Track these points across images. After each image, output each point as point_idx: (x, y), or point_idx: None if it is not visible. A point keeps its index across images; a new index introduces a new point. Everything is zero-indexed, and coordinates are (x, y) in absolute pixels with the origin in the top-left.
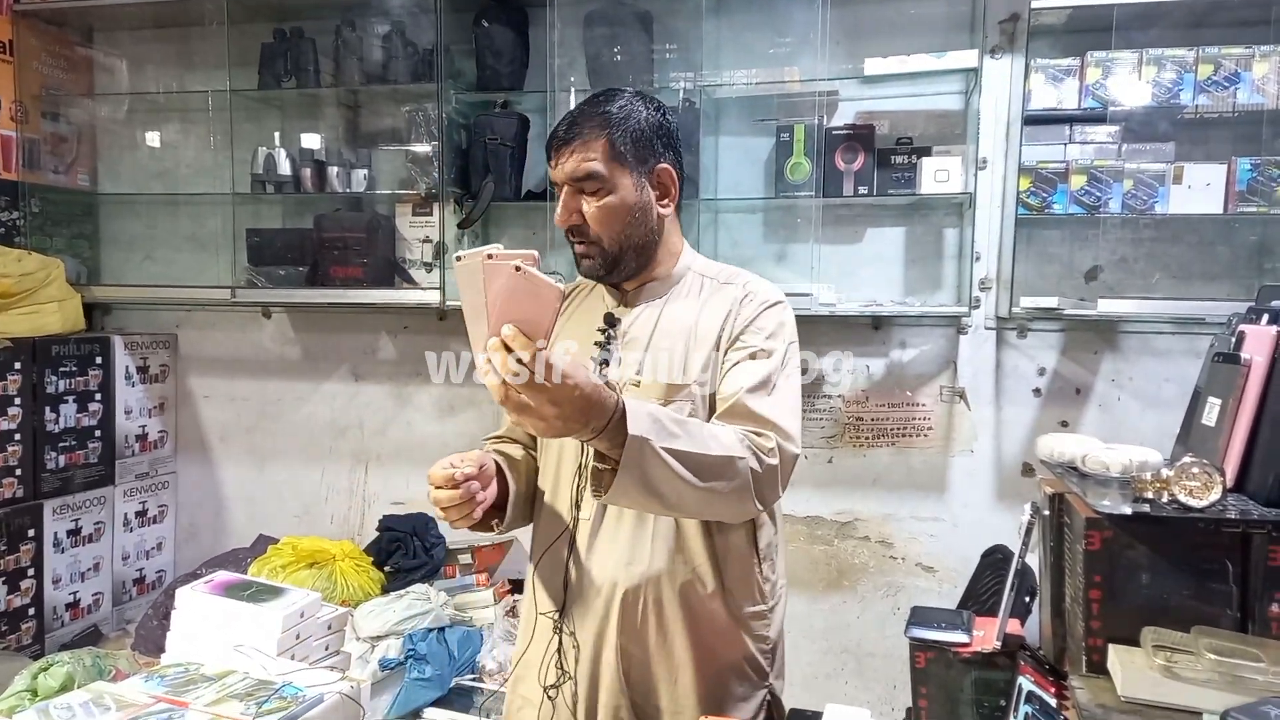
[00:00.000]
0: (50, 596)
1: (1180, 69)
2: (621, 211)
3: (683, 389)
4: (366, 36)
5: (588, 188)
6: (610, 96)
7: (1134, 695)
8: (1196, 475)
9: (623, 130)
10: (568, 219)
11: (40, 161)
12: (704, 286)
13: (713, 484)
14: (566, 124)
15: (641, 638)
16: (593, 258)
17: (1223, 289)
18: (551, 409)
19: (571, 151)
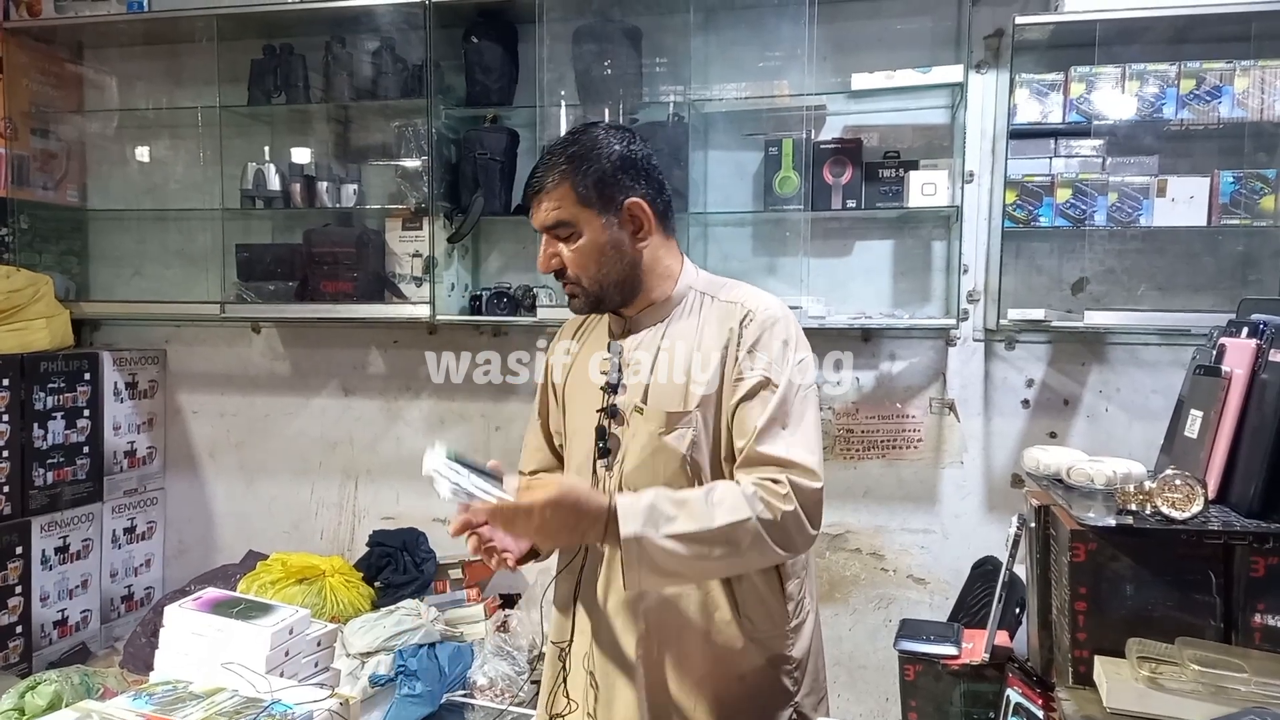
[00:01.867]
0: (38, 614)
1: (1163, 83)
2: (593, 252)
3: (685, 415)
4: (356, 52)
5: (560, 233)
6: (575, 137)
7: (1119, 706)
8: (1179, 487)
9: (584, 174)
10: (548, 264)
11: (29, 178)
12: (704, 304)
13: (726, 551)
14: (540, 170)
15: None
16: (578, 296)
17: (1207, 300)
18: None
19: (541, 201)
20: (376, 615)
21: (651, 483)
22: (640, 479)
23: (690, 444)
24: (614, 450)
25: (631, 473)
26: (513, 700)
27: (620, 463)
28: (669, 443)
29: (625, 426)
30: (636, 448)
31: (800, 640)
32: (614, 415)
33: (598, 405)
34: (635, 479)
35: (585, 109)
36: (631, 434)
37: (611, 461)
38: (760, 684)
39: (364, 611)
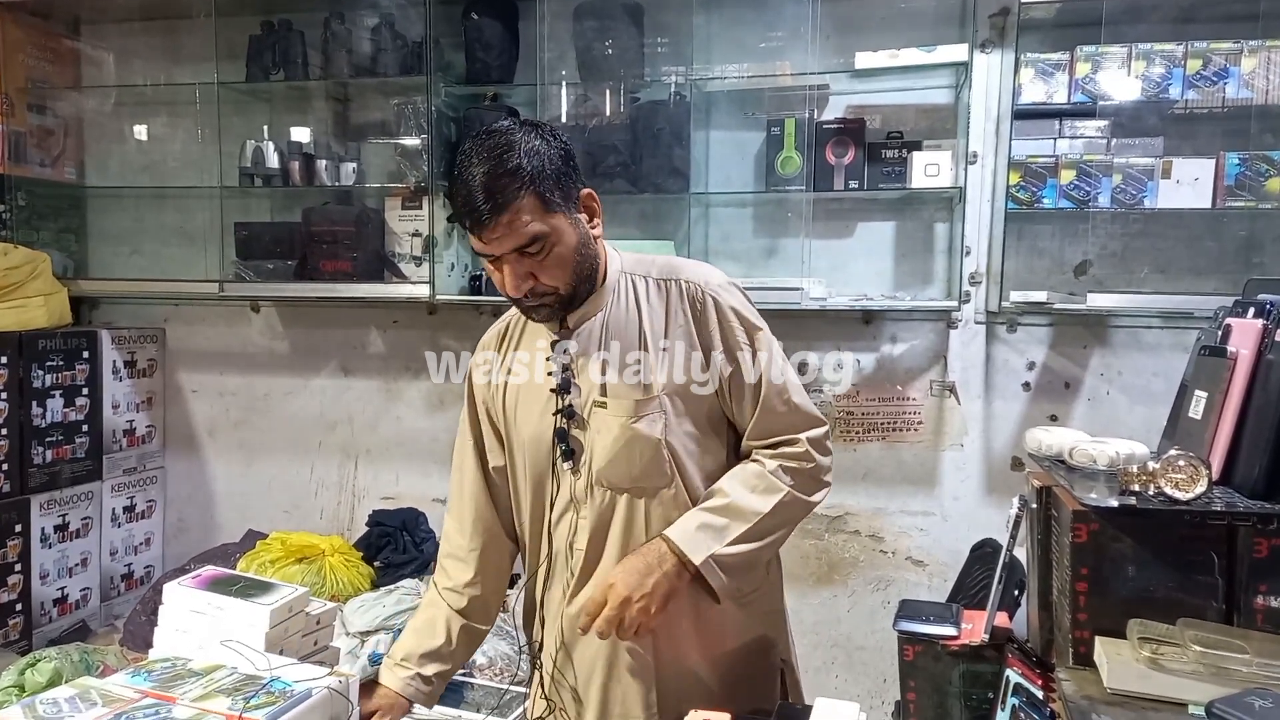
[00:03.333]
0: (38, 592)
1: (1169, 64)
2: (570, 255)
3: (651, 401)
4: (355, 29)
5: (533, 249)
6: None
7: (1120, 687)
8: (1182, 468)
9: (542, 178)
10: (522, 287)
11: (26, 155)
12: (638, 285)
13: (779, 525)
14: (482, 199)
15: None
16: (549, 306)
17: (1210, 283)
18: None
19: (501, 222)
20: (376, 595)
21: (627, 474)
22: (615, 472)
23: (663, 428)
24: (578, 451)
25: (605, 468)
26: (512, 680)
27: (588, 462)
28: (641, 430)
29: (586, 426)
30: (607, 441)
31: (774, 595)
32: (571, 416)
33: (549, 409)
34: (609, 473)
35: (586, 87)
36: (596, 430)
37: (578, 463)
38: (748, 642)
39: (363, 591)
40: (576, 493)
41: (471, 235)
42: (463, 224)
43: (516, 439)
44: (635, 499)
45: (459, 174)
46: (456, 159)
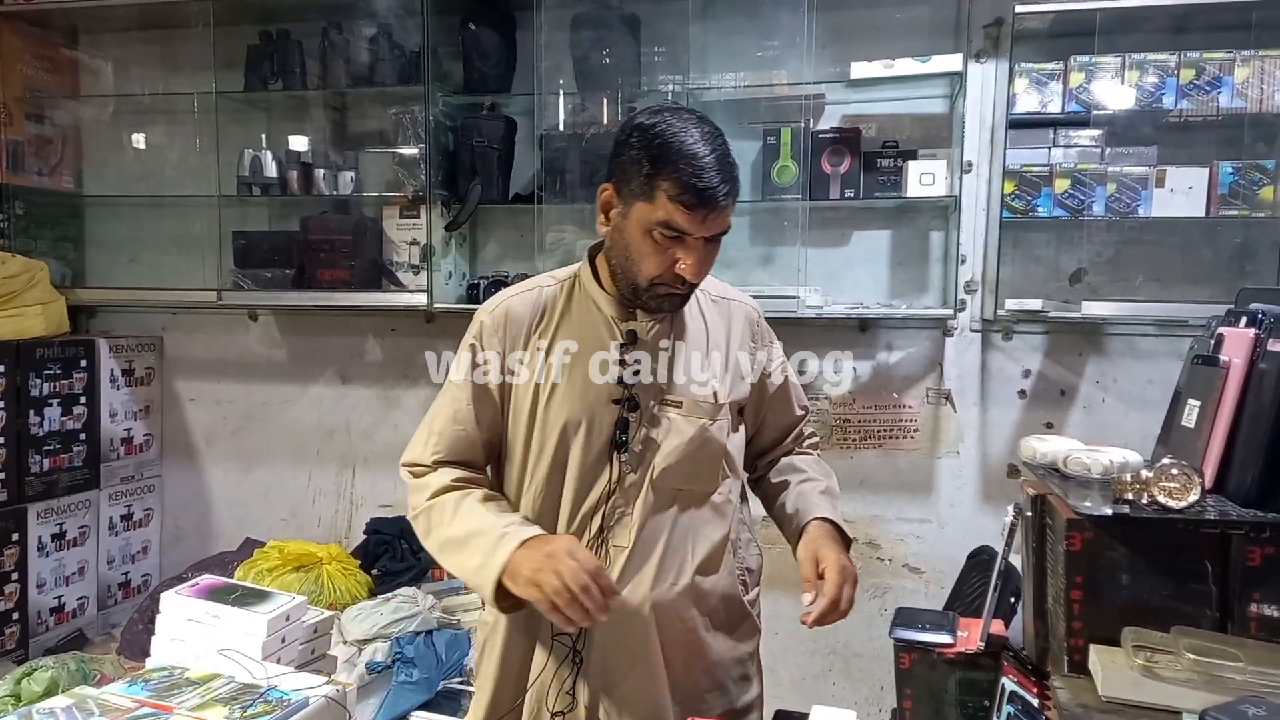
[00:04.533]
0: (34, 601)
1: (1162, 73)
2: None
3: (721, 407)
4: (353, 39)
5: (714, 240)
6: (724, 140)
7: (1114, 695)
8: (1175, 476)
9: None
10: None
11: (24, 163)
12: (698, 298)
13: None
14: (719, 179)
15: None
16: (682, 298)
17: (1205, 291)
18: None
19: (729, 209)
20: (374, 603)
21: (688, 475)
22: (676, 473)
23: (725, 435)
24: (644, 446)
25: (669, 468)
26: None
27: (647, 459)
28: (713, 434)
29: (655, 424)
30: (679, 442)
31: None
32: (635, 409)
33: (604, 399)
34: (671, 473)
35: (583, 97)
36: (666, 429)
37: (640, 457)
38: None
39: (361, 599)
40: (625, 488)
41: (680, 211)
42: (681, 195)
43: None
44: (684, 500)
45: (688, 148)
46: (672, 129)
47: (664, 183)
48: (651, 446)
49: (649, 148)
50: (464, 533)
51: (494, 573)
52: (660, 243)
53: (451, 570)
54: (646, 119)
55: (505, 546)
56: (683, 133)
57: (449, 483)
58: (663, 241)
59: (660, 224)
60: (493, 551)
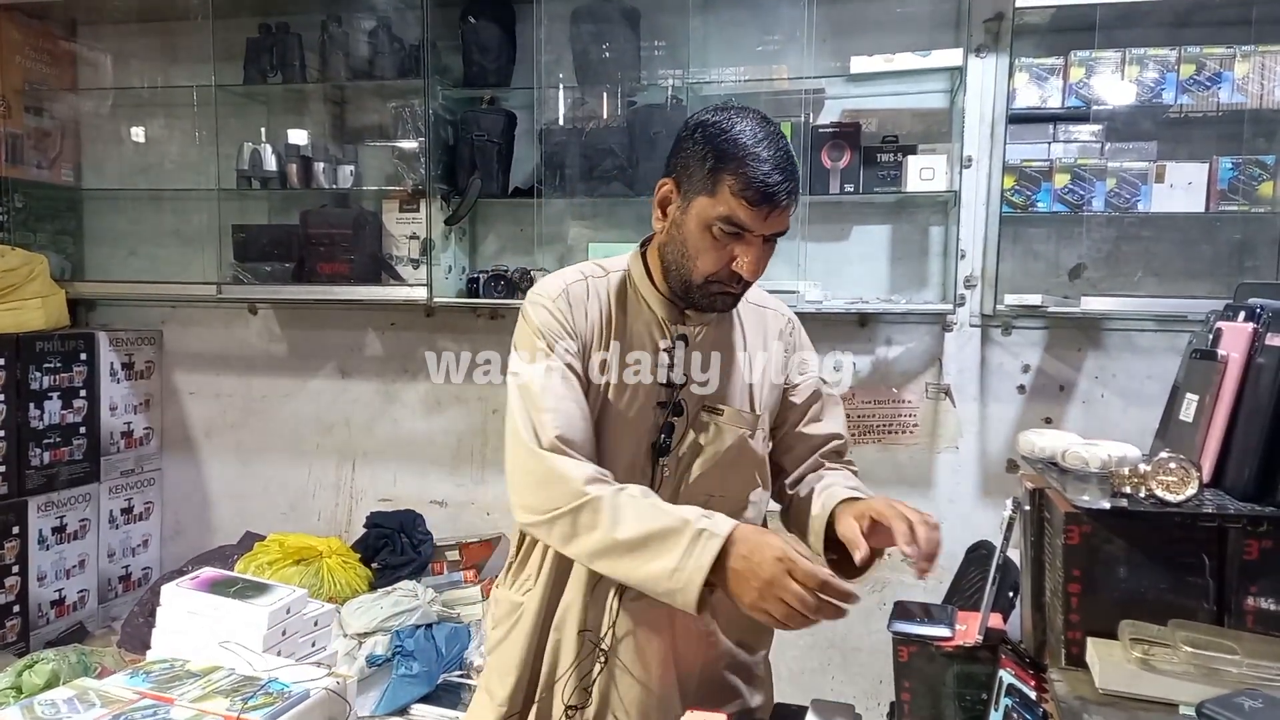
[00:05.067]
0: (35, 594)
1: (1163, 68)
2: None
3: (759, 418)
4: (353, 32)
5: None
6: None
7: (1111, 687)
8: (1173, 470)
9: None
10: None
11: (23, 156)
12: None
13: None
14: (782, 178)
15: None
16: (736, 298)
17: (1204, 287)
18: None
19: (790, 208)
20: (374, 596)
21: (724, 482)
22: (714, 479)
23: (761, 446)
24: (687, 451)
25: (709, 473)
26: None
27: (690, 461)
28: (751, 445)
29: (701, 428)
30: (718, 449)
31: None
32: (680, 413)
33: (649, 400)
34: (709, 479)
35: (583, 90)
36: (711, 436)
37: (679, 461)
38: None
39: (361, 592)
40: (664, 492)
41: (743, 208)
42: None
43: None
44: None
45: (757, 145)
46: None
47: (728, 177)
48: (694, 451)
49: (714, 142)
50: (638, 535)
51: (699, 581)
52: (719, 239)
53: (619, 577)
54: (711, 116)
55: (709, 548)
56: (748, 130)
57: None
58: (722, 238)
59: (721, 219)
60: (689, 554)
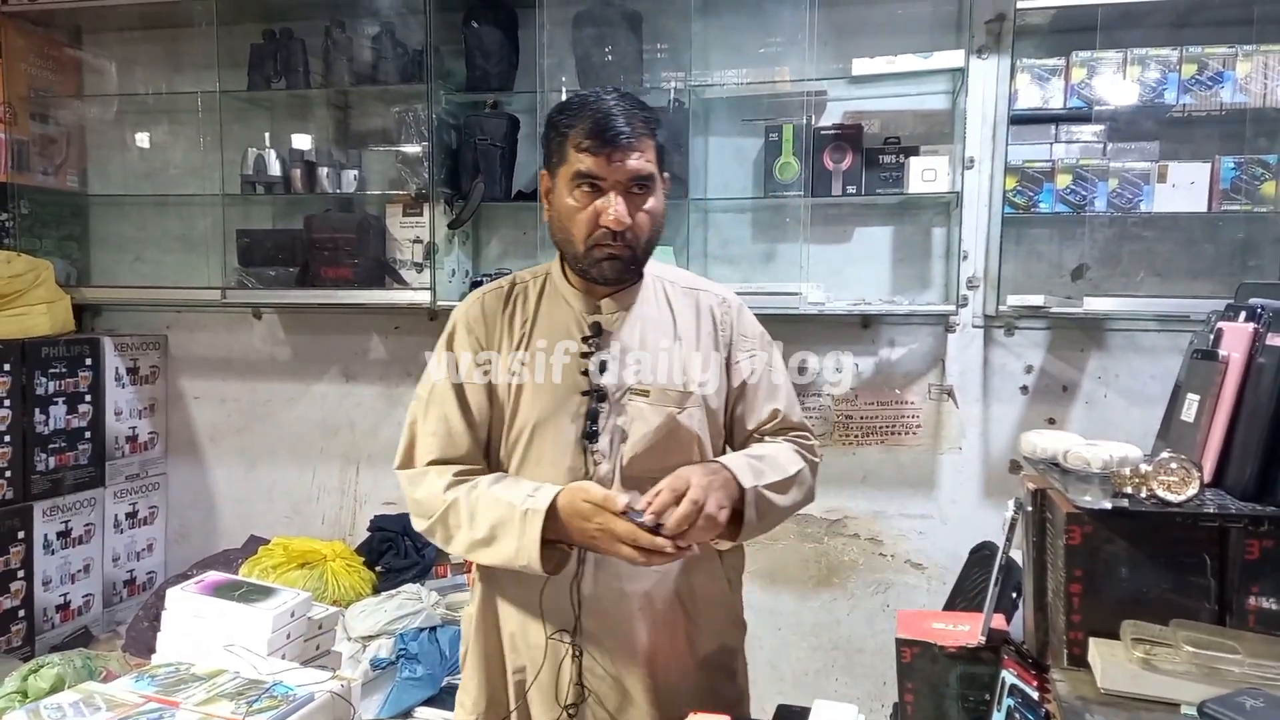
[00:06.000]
0: (40, 598)
1: (1164, 68)
2: (659, 216)
3: (691, 395)
4: (356, 37)
5: (637, 188)
6: (628, 93)
7: (1113, 687)
8: (1174, 470)
9: (659, 135)
10: (627, 222)
11: (29, 163)
12: (666, 290)
13: (794, 496)
14: (623, 122)
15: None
16: (624, 260)
17: (1206, 287)
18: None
19: (630, 150)
20: (378, 599)
21: (662, 463)
22: (650, 460)
23: (698, 424)
24: (614, 434)
25: (640, 456)
26: None
27: (620, 445)
28: (684, 422)
29: (622, 412)
30: (647, 429)
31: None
32: (603, 399)
33: (572, 391)
34: (642, 461)
35: None
36: (636, 416)
37: (611, 446)
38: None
39: (365, 596)
40: (599, 478)
41: (587, 157)
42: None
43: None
44: None
45: (590, 102)
46: (577, 98)
47: (571, 136)
48: (620, 435)
49: (558, 117)
50: (487, 529)
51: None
52: (582, 200)
53: (488, 563)
54: (558, 104)
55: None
56: (585, 96)
57: (451, 479)
58: (584, 198)
59: (576, 177)
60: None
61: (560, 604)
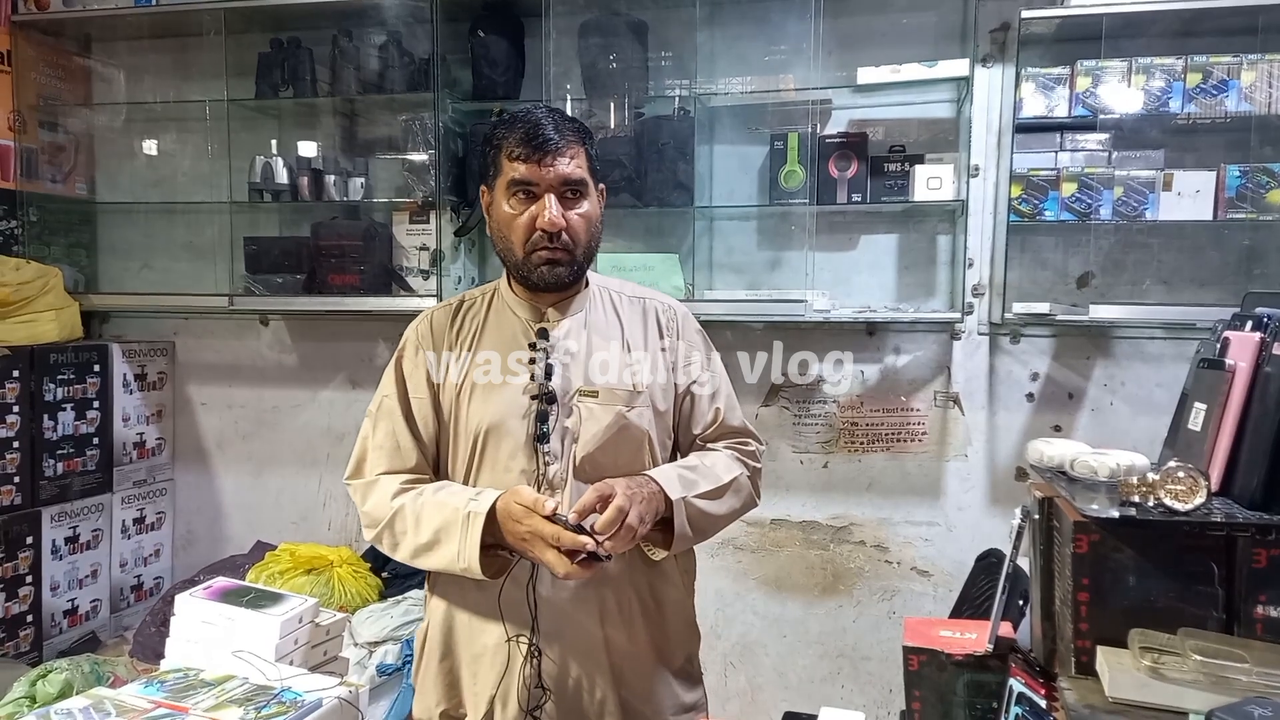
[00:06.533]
0: (48, 603)
1: (1169, 77)
2: (593, 220)
3: (640, 395)
4: (363, 46)
5: (570, 193)
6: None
7: (1121, 696)
8: (1182, 479)
9: (592, 145)
10: (559, 221)
11: (38, 171)
12: (613, 299)
13: (730, 504)
14: (552, 129)
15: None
16: (563, 265)
17: (1212, 295)
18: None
19: (560, 155)
20: (384, 605)
21: (614, 462)
22: (601, 459)
23: (648, 423)
24: (564, 435)
25: (590, 455)
26: None
27: (572, 445)
28: (633, 420)
29: (571, 414)
30: (596, 430)
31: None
32: (552, 402)
33: (521, 395)
34: (596, 459)
35: (591, 103)
36: (586, 416)
37: (563, 446)
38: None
39: (372, 601)
40: (552, 479)
41: (520, 164)
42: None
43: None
44: None
45: (522, 114)
46: (510, 114)
47: (503, 147)
48: (570, 436)
49: (491, 134)
50: (431, 533)
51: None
52: (518, 207)
53: (433, 569)
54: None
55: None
56: (516, 112)
57: (398, 488)
58: (520, 205)
59: (511, 185)
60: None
61: (518, 606)
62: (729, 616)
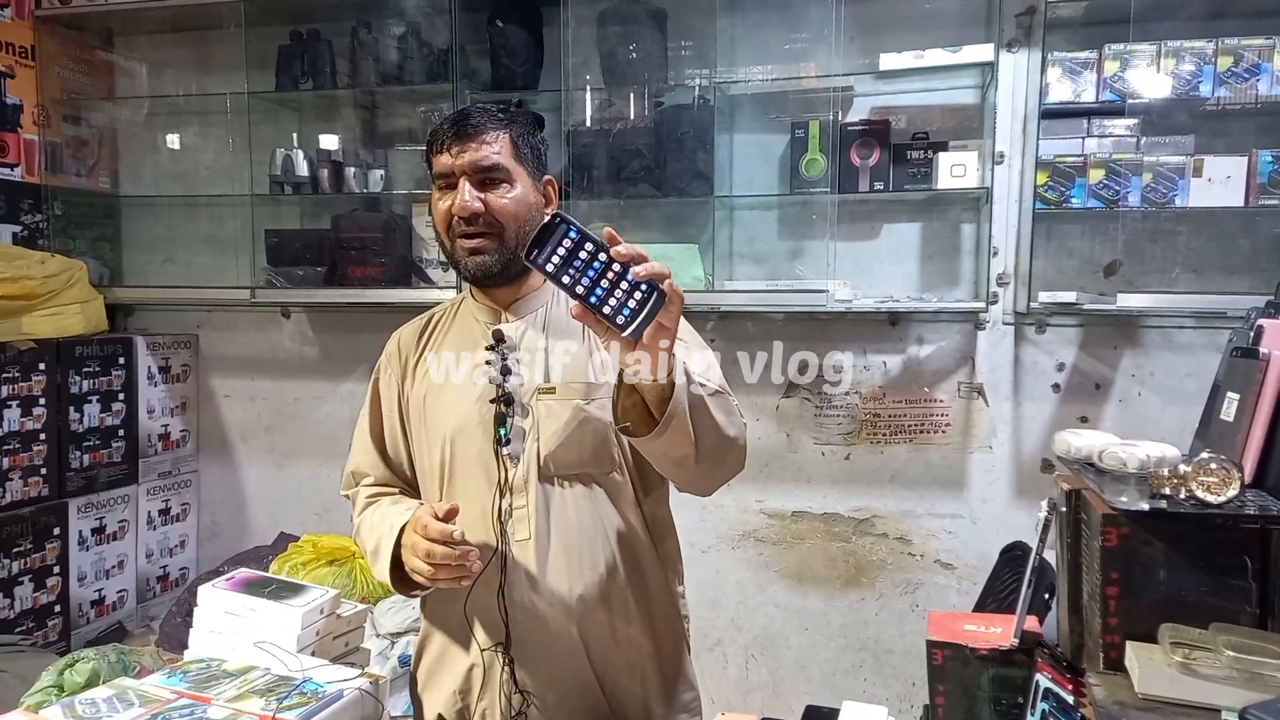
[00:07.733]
0: (76, 594)
1: (1199, 60)
2: (523, 207)
3: (601, 387)
4: (382, 38)
5: (491, 178)
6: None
7: (1151, 692)
8: (1214, 471)
9: (521, 131)
10: (472, 204)
11: (62, 165)
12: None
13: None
14: (475, 116)
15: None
16: (489, 253)
17: (1244, 283)
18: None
19: (473, 140)
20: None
21: (577, 457)
22: (563, 456)
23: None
24: (525, 436)
25: (554, 453)
26: None
27: (533, 450)
28: (593, 412)
29: (528, 414)
30: (556, 425)
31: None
32: (510, 403)
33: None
34: (557, 457)
35: (610, 92)
36: (544, 414)
37: (524, 448)
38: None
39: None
40: (515, 482)
41: (441, 156)
42: (434, 145)
43: (436, 433)
44: (583, 485)
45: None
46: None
47: (433, 145)
48: (531, 435)
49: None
50: (372, 547)
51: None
52: (442, 198)
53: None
54: None
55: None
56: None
57: (364, 500)
58: (444, 196)
59: (435, 179)
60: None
61: (490, 615)
62: (750, 609)
